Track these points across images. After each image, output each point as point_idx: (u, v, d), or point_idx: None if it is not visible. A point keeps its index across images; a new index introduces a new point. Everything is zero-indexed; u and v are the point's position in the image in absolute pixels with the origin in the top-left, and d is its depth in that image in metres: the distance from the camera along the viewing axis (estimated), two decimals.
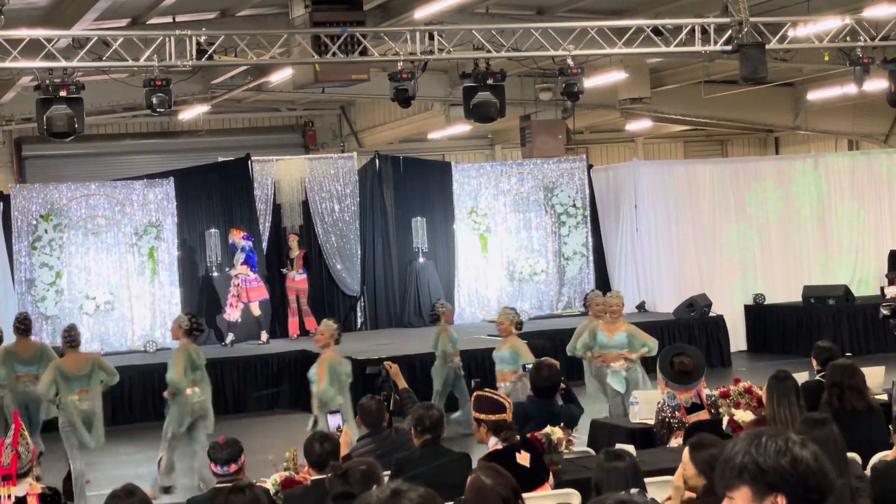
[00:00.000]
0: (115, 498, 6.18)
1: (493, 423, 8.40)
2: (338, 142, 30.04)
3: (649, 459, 8.91)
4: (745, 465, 3.30)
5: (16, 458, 7.61)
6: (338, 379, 12.34)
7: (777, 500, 3.27)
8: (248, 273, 20.71)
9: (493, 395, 8.70)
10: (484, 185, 23.47)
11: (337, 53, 14.95)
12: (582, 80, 16.25)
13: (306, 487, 8.03)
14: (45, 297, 20.61)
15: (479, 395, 8.68)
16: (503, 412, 8.46)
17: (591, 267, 23.77)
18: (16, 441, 7.62)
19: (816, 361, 10.88)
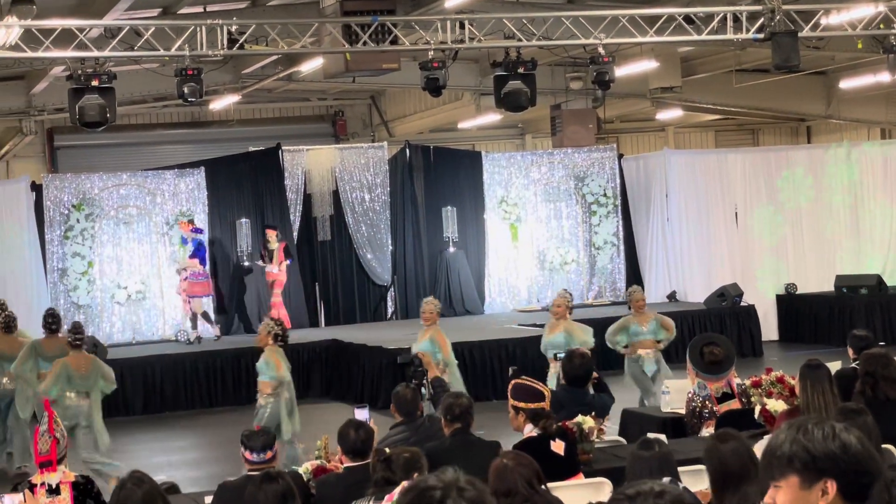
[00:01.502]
0: (124, 487, 6.19)
1: (531, 412, 8.38)
2: (368, 131, 30.05)
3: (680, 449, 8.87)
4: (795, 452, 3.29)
5: (55, 444, 7.66)
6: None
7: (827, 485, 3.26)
8: (196, 267, 20.23)
9: (531, 384, 8.68)
10: (514, 175, 23.43)
11: (367, 42, 14.96)
12: (613, 69, 16.21)
13: (339, 475, 8.04)
14: (77, 286, 20.70)
15: (518, 384, 8.66)
16: (541, 400, 8.44)
17: (621, 256, 23.71)
18: (52, 428, 7.67)
19: (852, 350, 10.81)
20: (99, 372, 12.83)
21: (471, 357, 17.80)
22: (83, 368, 12.76)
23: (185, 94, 14.57)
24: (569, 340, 13.49)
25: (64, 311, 20.56)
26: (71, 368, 12.63)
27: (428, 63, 15.69)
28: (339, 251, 22.78)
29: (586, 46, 16.39)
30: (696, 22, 16.57)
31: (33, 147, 28.11)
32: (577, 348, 10.81)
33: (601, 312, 21.20)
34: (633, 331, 14.48)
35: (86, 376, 12.67)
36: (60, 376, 12.57)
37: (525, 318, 21.24)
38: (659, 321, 14.78)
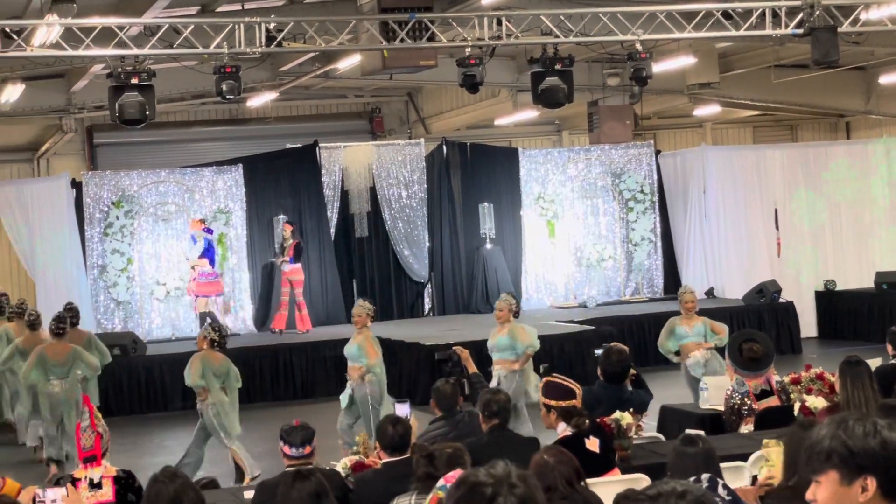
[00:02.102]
0: (157, 482, 6.23)
1: (563, 410, 8.38)
2: (405, 128, 30.05)
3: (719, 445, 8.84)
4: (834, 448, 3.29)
5: (98, 439, 7.71)
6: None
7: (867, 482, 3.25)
8: (205, 267, 20.28)
9: (562, 382, 8.68)
10: (551, 171, 23.41)
11: (405, 39, 14.97)
12: (650, 65, 16.16)
13: (377, 470, 8.06)
14: (116, 282, 20.84)
15: (550, 381, 8.66)
16: (573, 398, 8.44)
17: (658, 253, 23.65)
18: (93, 423, 7.73)
19: (892, 346, 10.76)
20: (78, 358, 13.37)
21: None
22: (60, 356, 13.35)
23: (224, 91, 14.63)
24: (513, 343, 13.32)
25: (104, 308, 20.75)
26: (48, 356, 13.27)
27: (465, 60, 15.70)
28: (377, 248, 22.83)
29: (624, 42, 16.33)
30: (734, 17, 16.50)
31: (73, 145, 28.26)
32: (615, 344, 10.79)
33: (638, 309, 21.18)
34: (678, 333, 14.04)
35: (62, 363, 13.28)
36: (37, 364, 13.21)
37: (562, 314, 21.22)
38: (709, 326, 14.16)
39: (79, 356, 13.59)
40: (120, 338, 18.72)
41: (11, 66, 18.68)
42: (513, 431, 8.66)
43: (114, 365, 17.47)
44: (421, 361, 17.69)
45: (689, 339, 13.98)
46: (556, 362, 17.18)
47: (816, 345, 21.51)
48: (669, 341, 14.13)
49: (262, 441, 14.67)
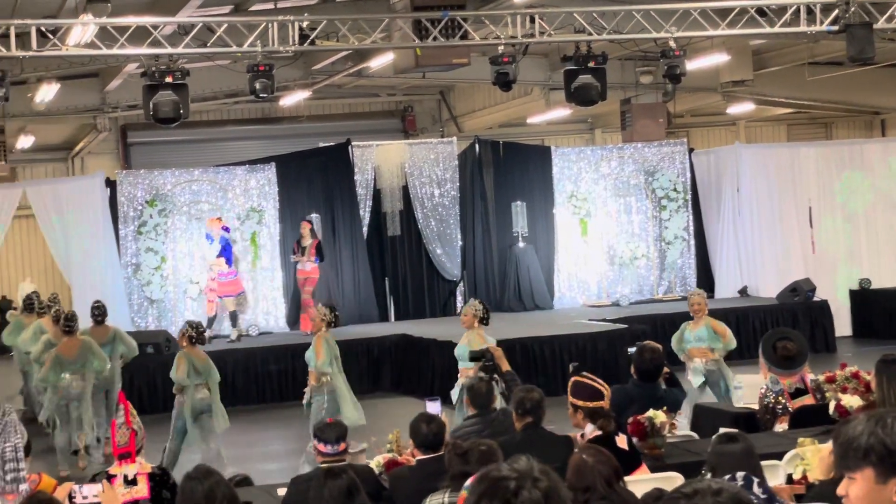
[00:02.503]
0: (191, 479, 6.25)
1: (589, 410, 8.37)
2: (437, 127, 30.09)
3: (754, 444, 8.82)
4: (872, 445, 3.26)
5: (133, 436, 7.74)
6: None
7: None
8: (223, 266, 20.19)
9: (590, 382, 8.66)
10: (584, 170, 23.36)
11: (438, 37, 14.98)
12: (684, 63, 16.10)
13: (412, 468, 8.07)
14: (150, 281, 20.92)
15: (577, 381, 8.65)
16: (600, 399, 8.43)
17: (692, 251, 23.57)
18: (128, 420, 7.75)
19: None
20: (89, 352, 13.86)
21: (540, 352, 17.80)
22: (72, 353, 13.96)
23: (257, 90, 14.68)
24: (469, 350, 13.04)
25: (137, 306, 20.83)
26: (62, 355, 13.80)
27: (498, 58, 15.69)
28: (409, 246, 22.84)
29: (657, 40, 16.28)
30: (768, 14, 16.43)
31: (107, 144, 28.44)
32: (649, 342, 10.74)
33: (671, 308, 21.10)
34: (686, 338, 13.75)
35: (74, 360, 13.81)
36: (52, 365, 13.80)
37: (595, 313, 21.17)
38: (711, 327, 13.78)
39: (90, 350, 14.20)
40: (153, 336, 18.79)
41: (47, 65, 18.80)
42: (546, 430, 8.63)
43: (147, 363, 17.59)
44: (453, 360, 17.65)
45: (692, 344, 13.71)
46: (589, 361, 17.17)
47: (851, 343, 21.38)
48: (681, 346, 13.86)
49: (294, 440, 14.70)
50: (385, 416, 15.87)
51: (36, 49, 14.02)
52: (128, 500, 7.47)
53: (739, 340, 19.92)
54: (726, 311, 20.56)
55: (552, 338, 18.21)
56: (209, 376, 13.02)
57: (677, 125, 28.14)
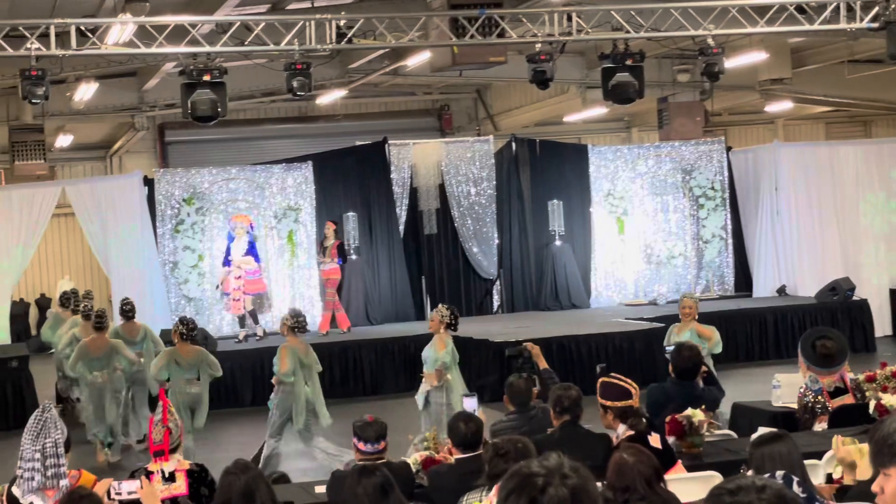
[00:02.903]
0: (229, 474, 6.27)
1: (619, 410, 8.35)
2: (473, 125, 30.09)
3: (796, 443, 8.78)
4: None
5: (167, 434, 7.77)
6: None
7: None
8: (252, 265, 20.15)
9: (618, 382, 8.64)
10: (621, 168, 23.29)
11: (475, 35, 14.97)
12: (722, 60, 16.02)
13: (451, 466, 8.08)
14: (187, 279, 20.99)
15: (605, 382, 8.64)
16: (629, 398, 8.41)
17: (729, 250, 23.47)
18: (165, 417, 7.79)
19: None
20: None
21: (577, 351, 17.76)
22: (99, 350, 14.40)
23: (295, 88, 14.70)
24: (435, 354, 12.95)
25: (174, 304, 20.91)
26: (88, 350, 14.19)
27: (535, 56, 15.66)
28: (445, 245, 22.84)
29: (695, 38, 16.21)
30: (808, 11, 16.32)
31: (145, 143, 28.61)
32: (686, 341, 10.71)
33: (709, 307, 20.99)
34: (672, 340, 13.46)
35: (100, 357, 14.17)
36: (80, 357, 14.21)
37: (632, 311, 21.12)
38: (695, 331, 13.49)
39: (116, 351, 14.60)
40: None
41: (85, 64, 18.91)
42: (583, 427, 8.61)
43: None
44: (490, 358, 17.68)
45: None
46: (625, 360, 17.15)
47: (891, 343, 21.24)
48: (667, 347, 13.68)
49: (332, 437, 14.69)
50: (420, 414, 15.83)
51: (75, 48, 14.09)
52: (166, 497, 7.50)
53: (777, 340, 20.00)
54: (764, 310, 20.52)
55: (589, 336, 18.17)
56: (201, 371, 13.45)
57: (715, 124, 28.02)
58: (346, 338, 19.78)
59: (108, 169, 29.55)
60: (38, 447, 7.18)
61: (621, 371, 9.18)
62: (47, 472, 7.15)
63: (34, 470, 7.20)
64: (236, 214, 20.78)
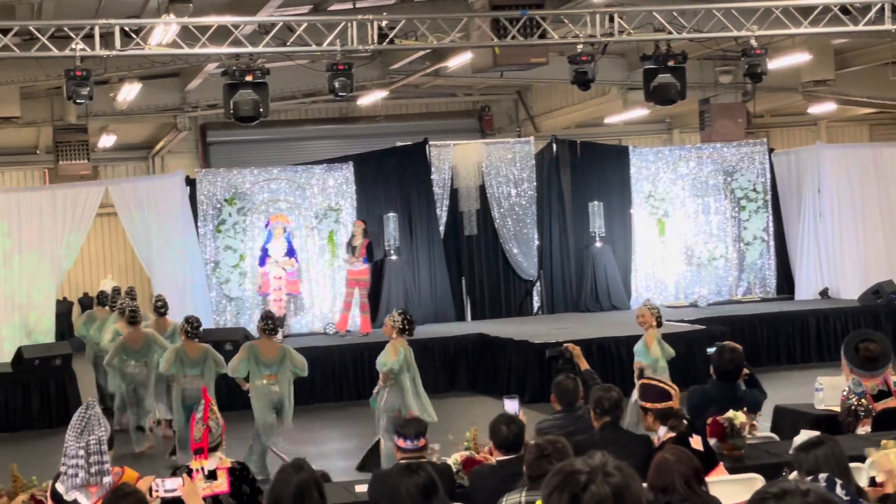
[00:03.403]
0: (283, 472, 6.30)
1: (659, 412, 8.33)
2: (514, 126, 30.07)
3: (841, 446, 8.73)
4: None
5: (207, 433, 7.80)
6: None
7: None
8: (292, 265, 20.32)
9: (658, 383, 8.62)
10: (662, 170, 23.22)
11: (516, 36, 14.96)
12: (765, 61, 15.94)
13: (492, 467, 8.08)
14: (228, 279, 21.07)
15: (645, 384, 8.63)
16: (669, 400, 8.39)
17: (771, 252, 23.35)
18: (206, 416, 7.82)
19: None
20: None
21: (617, 352, 17.70)
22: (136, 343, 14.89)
23: (336, 88, 14.74)
24: (386, 358, 12.95)
25: (215, 303, 20.99)
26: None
27: (577, 57, 15.64)
28: (485, 246, 22.83)
29: (738, 39, 16.14)
30: (852, 12, 16.22)
31: (187, 143, 28.76)
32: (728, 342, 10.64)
33: (750, 309, 20.93)
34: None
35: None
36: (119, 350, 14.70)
37: (672, 313, 21.03)
38: (644, 341, 13.25)
39: (153, 342, 15.07)
40: (231, 333, 18.92)
41: (129, 65, 19.02)
42: (624, 429, 8.60)
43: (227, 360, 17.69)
44: (530, 359, 17.66)
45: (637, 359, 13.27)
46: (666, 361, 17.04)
47: None
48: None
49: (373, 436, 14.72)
50: (461, 415, 15.89)
51: (119, 49, 14.19)
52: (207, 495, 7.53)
53: (820, 343, 19.85)
54: (806, 313, 20.39)
55: (629, 338, 18.05)
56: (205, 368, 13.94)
57: (757, 125, 27.90)
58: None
59: (150, 169, 29.73)
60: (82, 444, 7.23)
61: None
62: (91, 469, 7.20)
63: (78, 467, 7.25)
64: (275, 214, 20.88)
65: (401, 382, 12.72)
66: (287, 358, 13.67)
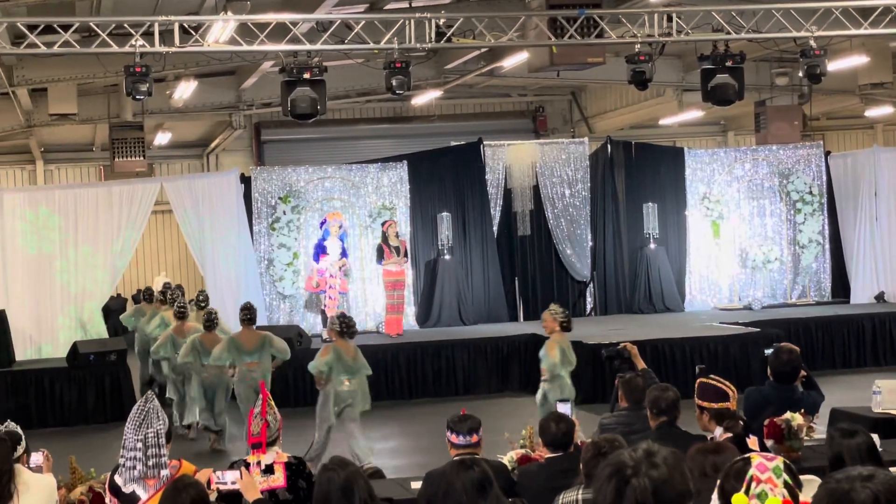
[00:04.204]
0: (328, 470, 6.29)
1: (715, 412, 8.28)
2: (568, 127, 30.01)
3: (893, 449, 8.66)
4: None
5: (265, 427, 7.83)
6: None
7: None
8: (343, 264, 20.35)
9: (716, 383, 8.56)
10: (717, 171, 23.10)
11: (574, 36, 14.92)
12: (825, 62, 15.81)
13: (541, 464, 8.08)
14: (282, 276, 21.15)
15: (703, 383, 8.57)
16: (727, 400, 8.33)
17: (826, 255, 23.17)
18: (264, 410, 7.85)
19: None
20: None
21: (671, 354, 17.64)
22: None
23: (394, 86, 14.75)
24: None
25: (269, 301, 21.08)
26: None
27: (635, 56, 15.58)
28: (539, 246, 22.79)
29: (797, 39, 16.01)
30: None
31: (241, 141, 28.91)
32: (785, 343, 10.57)
33: (805, 312, 20.77)
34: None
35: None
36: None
37: (726, 316, 20.93)
38: (546, 346, 13.11)
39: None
40: (285, 331, 18.94)
41: (186, 63, 19.14)
42: (680, 429, 8.55)
43: None
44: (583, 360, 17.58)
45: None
46: (720, 364, 16.96)
47: None
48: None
49: (426, 435, 14.77)
50: (513, 415, 15.86)
51: (178, 45, 14.27)
52: (264, 489, 7.56)
53: (875, 347, 19.67)
54: (862, 316, 20.20)
55: (683, 340, 18.04)
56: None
57: (813, 128, 27.68)
58: (441, 337, 19.79)
59: (204, 167, 29.93)
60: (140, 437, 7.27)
61: (708, 374, 9.10)
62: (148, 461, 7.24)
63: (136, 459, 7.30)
64: (330, 212, 20.94)
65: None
66: (267, 345, 14.38)
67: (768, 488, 3.16)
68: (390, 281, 20.45)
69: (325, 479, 6.29)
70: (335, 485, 6.23)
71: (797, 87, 23.44)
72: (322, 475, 6.32)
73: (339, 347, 13.50)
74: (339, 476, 6.27)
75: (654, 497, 3.20)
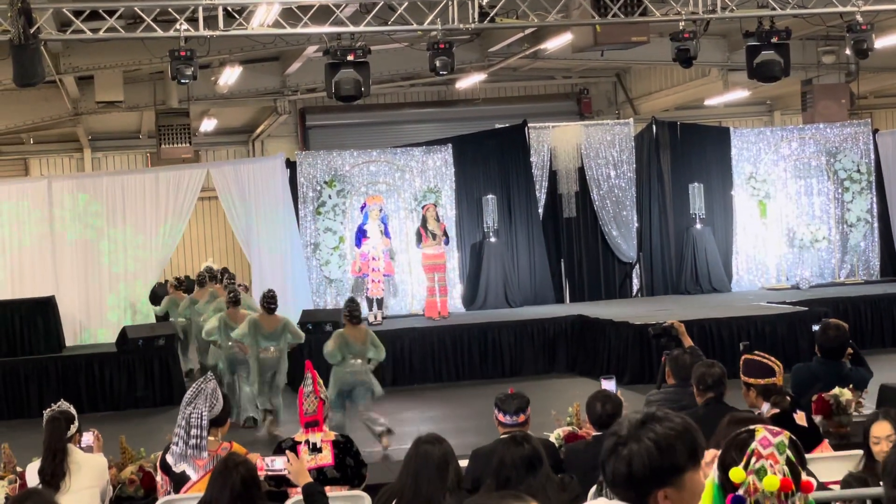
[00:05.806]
0: (424, 443, 6.38)
1: (762, 388, 8.28)
2: (612, 109, 29.90)
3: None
4: None
5: (321, 405, 7.87)
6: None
7: None
8: (387, 245, 20.34)
9: (762, 359, 8.55)
10: (763, 151, 22.95)
11: (617, 14, 14.86)
12: (872, 37, 15.67)
13: (587, 443, 8.11)
14: (328, 260, 21.21)
15: (748, 359, 8.56)
16: (772, 376, 8.32)
17: (875, 234, 22.99)
18: (316, 389, 7.89)
19: None
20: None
21: (718, 334, 17.57)
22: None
23: (438, 67, 14.76)
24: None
25: (316, 286, 21.16)
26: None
27: (679, 34, 15.50)
28: (584, 228, 22.75)
29: (843, 14, 15.87)
30: None
31: (286, 127, 28.99)
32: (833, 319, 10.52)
33: (853, 291, 20.63)
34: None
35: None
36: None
37: (774, 296, 20.83)
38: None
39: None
40: (332, 314, 19.03)
41: (230, 48, 19.22)
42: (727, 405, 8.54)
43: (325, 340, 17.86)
44: (630, 341, 17.58)
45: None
46: (767, 342, 16.89)
47: None
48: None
49: (472, 417, 14.80)
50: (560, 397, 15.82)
51: (223, 29, 14.33)
52: (312, 467, 7.61)
53: None
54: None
55: (731, 320, 17.97)
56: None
57: (860, 107, 27.43)
58: (487, 319, 19.81)
59: (250, 153, 30.03)
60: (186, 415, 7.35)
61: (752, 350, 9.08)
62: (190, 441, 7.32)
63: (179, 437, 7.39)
64: (370, 196, 20.94)
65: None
66: (286, 330, 14.78)
67: (768, 464, 3.10)
68: (428, 264, 20.48)
69: (422, 452, 6.36)
70: (432, 459, 6.31)
71: (844, 66, 23.26)
72: (418, 447, 6.40)
73: (345, 333, 13.73)
74: (437, 451, 6.35)
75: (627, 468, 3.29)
